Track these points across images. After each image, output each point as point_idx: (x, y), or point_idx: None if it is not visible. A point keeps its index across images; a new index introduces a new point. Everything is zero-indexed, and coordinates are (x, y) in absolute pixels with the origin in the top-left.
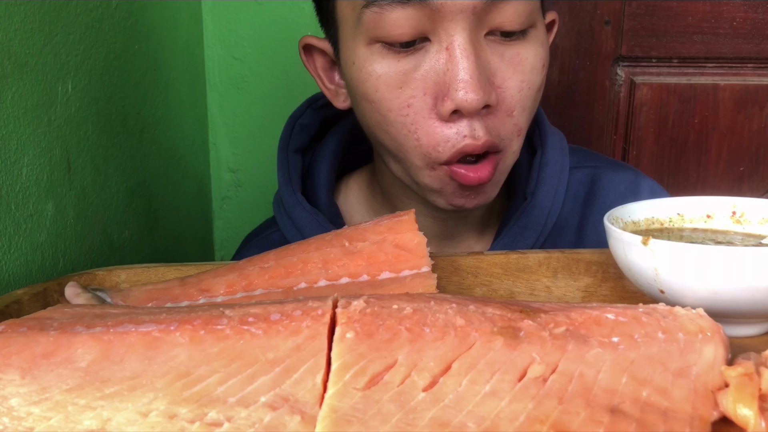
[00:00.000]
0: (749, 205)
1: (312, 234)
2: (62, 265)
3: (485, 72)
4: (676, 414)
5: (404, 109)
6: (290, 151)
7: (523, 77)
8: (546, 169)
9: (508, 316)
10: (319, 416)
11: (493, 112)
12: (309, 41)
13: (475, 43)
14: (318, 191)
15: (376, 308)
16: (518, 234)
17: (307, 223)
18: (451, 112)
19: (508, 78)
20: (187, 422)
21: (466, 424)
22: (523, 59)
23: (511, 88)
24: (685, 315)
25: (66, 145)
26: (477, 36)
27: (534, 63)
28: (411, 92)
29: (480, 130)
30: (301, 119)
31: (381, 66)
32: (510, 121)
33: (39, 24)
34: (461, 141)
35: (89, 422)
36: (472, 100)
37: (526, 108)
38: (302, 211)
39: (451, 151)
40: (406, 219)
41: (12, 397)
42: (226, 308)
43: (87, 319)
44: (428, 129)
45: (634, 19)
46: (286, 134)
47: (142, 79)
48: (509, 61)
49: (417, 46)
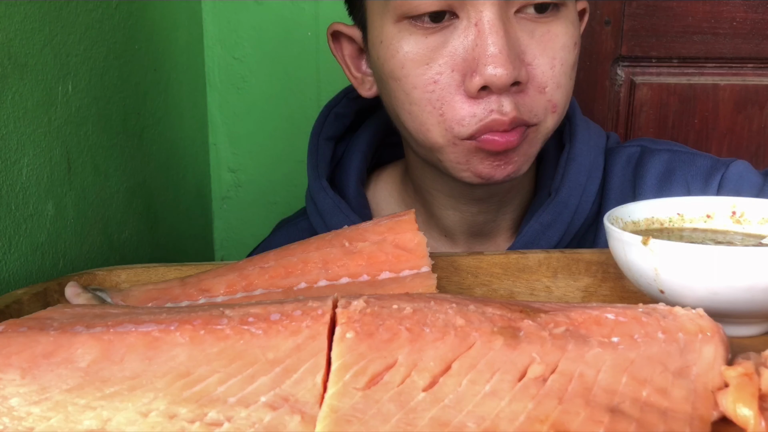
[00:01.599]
0: (749, 205)
1: (334, 222)
2: (62, 265)
3: (515, 49)
4: (676, 414)
5: (430, 86)
6: (322, 138)
7: (555, 54)
8: (573, 164)
9: (508, 316)
10: (319, 416)
11: (523, 89)
12: (337, 28)
13: (505, 20)
14: (347, 180)
15: (376, 308)
16: (540, 232)
17: (329, 209)
18: (480, 88)
19: (538, 55)
20: (187, 422)
21: (466, 424)
22: (554, 36)
23: (542, 65)
24: (685, 315)
25: (66, 145)
26: (507, 12)
27: (565, 41)
28: (438, 68)
29: (508, 105)
30: (336, 108)
31: (408, 43)
32: (543, 97)
33: (39, 24)
34: (488, 116)
35: (89, 422)
36: (502, 75)
37: (560, 85)
38: (325, 197)
39: (477, 125)
40: (406, 219)
41: (12, 397)
42: (226, 308)
43: (87, 319)
44: (453, 105)
45: (634, 19)
46: (319, 122)
47: (142, 79)
48: (540, 38)
49: (445, 23)
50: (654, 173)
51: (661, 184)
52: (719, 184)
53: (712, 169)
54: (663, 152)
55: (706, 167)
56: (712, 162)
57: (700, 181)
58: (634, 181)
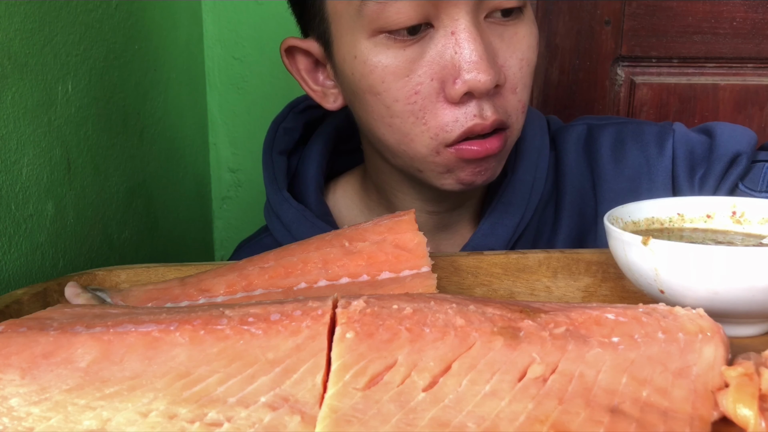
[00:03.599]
0: (749, 205)
1: (300, 231)
2: (62, 265)
3: (489, 53)
4: (676, 414)
5: (412, 97)
6: (275, 152)
7: (522, 55)
8: (524, 143)
9: (508, 316)
10: (319, 416)
11: (500, 91)
12: (292, 43)
13: (478, 26)
14: (306, 190)
15: (376, 308)
16: (503, 211)
17: (294, 219)
18: (463, 94)
19: (509, 57)
20: (187, 422)
21: (466, 425)
22: (521, 38)
23: (512, 66)
24: (685, 315)
25: (66, 145)
26: (478, 19)
27: (530, 41)
28: (418, 79)
29: (489, 109)
30: (284, 123)
31: (387, 56)
32: (515, 98)
33: (39, 24)
34: (470, 120)
35: (89, 422)
36: (485, 81)
37: (526, 85)
38: (289, 208)
39: (460, 129)
40: (406, 219)
41: (12, 397)
42: (226, 308)
43: (87, 319)
44: (436, 112)
45: (634, 19)
46: (269, 138)
47: (142, 79)
48: (509, 40)
49: (422, 34)
50: (606, 146)
51: (615, 155)
52: (673, 146)
53: (660, 134)
54: (609, 126)
55: (654, 133)
56: (658, 128)
57: (655, 147)
58: (588, 156)
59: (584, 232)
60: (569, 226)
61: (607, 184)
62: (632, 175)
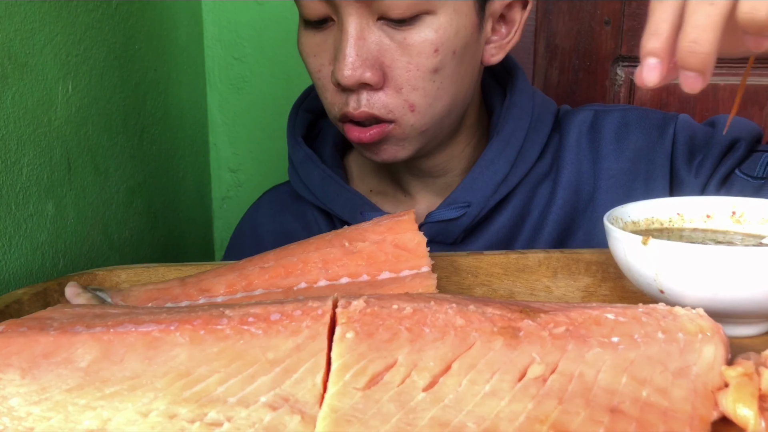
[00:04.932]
0: (749, 205)
1: (306, 171)
2: (62, 265)
3: (369, 53)
4: (676, 414)
5: (317, 73)
6: (301, 109)
7: (410, 59)
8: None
9: (508, 316)
10: (319, 416)
11: (379, 88)
12: None
13: (365, 27)
14: (323, 144)
15: (376, 308)
16: (485, 167)
17: (301, 160)
18: (335, 83)
19: (396, 59)
20: (187, 422)
21: (466, 424)
22: (411, 43)
23: (398, 68)
24: (685, 315)
25: (66, 145)
26: (368, 21)
27: (422, 48)
28: (321, 60)
29: (361, 101)
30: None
31: (303, 36)
32: (398, 97)
33: (39, 24)
34: (343, 107)
35: (89, 422)
36: (344, 77)
37: (417, 87)
38: (299, 150)
39: (338, 112)
40: (406, 219)
41: (12, 397)
42: (226, 308)
43: (87, 319)
44: (330, 92)
45: (634, 19)
46: (302, 96)
47: (142, 79)
48: (398, 44)
49: (327, 25)
50: (610, 128)
51: (617, 136)
52: (674, 132)
53: (664, 120)
54: (616, 111)
55: (658, 119)
56: (662, 115)
57: (656, 131)
58: (591, 138)
59: (578, 211)
60: (563, 199)
61: (606, 162)
62: (632, 157)
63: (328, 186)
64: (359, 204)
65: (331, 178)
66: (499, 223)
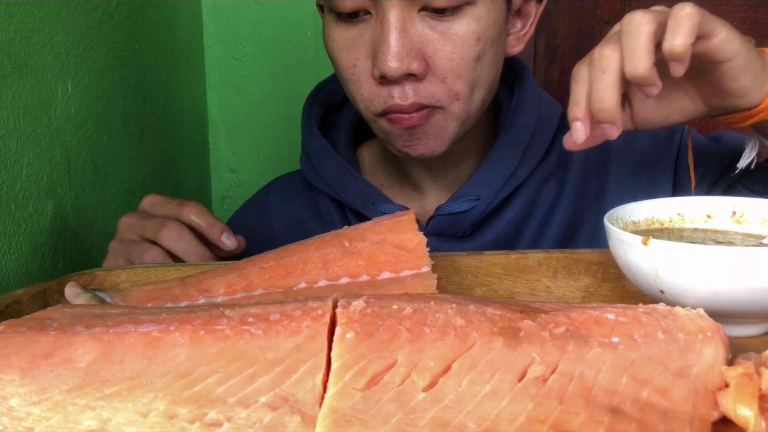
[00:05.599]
0: (749, 205)
1: (319, 160)
2: (62, 265)
3: (412, 44)
4: (677, 414)
5: (351, 69)
6: (315, 103)
7: (454, 48)
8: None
9: (508, 317)
10: (319, 416)
11: (424, 78)
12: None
13: (407, 19)
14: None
15: (376, 308)
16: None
17: (315, 149)
18: (380, 76)
19: (439, 49)
20: (187, 422)
21: (466, 425)
22: (454, 33)
23: (442, 58)
24: (685, 315)
25: (66, 145)
26: (409, 12)
27: (465, 36)
28: (356, 55)
29: (408, 92)
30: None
31: (334, 31)
32: (444, 86)
33: (39, 24)
34: (390, 100)
35: (89, 422)
36: (391, 68)
37: (460, 76)
38: (314, 140)
39: (382, 106)
40: (406, 219)
41: (12, 398)
42: (225, 308)
43: (87, 319)
44: (368, 87)
45: None
46: (315, 90)
47: (142, 79)
48: (441, 34)
49: (361, 18)
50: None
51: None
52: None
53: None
54: None
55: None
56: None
57: (664, 138)
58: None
59: (584, 210)
60: (570, 198)
61: (614, 165)
62: (639, 161)
63: (341, 176)
64: (371, 194)
65: (345, 168)
66: (507, 218)
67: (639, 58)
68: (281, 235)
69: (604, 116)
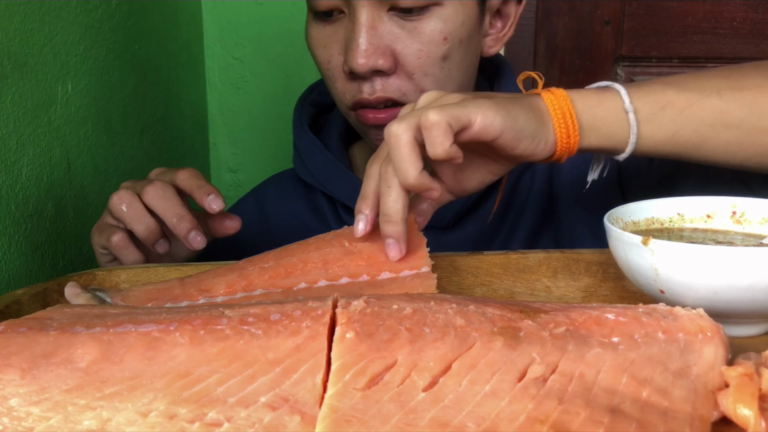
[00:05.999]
0: (749, 205)
1: (308, 156)
2: (62, 265)
3: (381, 42)
4: (677, 414)
5: (327, 64)
6: (306, 103)
7: (421, 46)
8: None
9: (508, 317)
10: (319, 416)
11: (392, 74)
12: None
13: (376, 18)
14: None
15: (376, 308)
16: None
17: (306, 146)
18: (349, 72)
19: (407, 46)
20: (187, 422)
21: (466, 425)
22: (421, 32)
23: (409, 55)
24: (685, 315)
25: (66, 145)
26: (379, 12)
27: (432, 36)
28: (331, 51)
29: (375, 87)
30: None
31: (313, 29)
32: (411, 82)
33: (39, 24)
34: (358, 94)
35: (89, 422)
36: (359, 64)
37: (428, 74)
38: (304, 137)
39: (351, 100)
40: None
41: (12, 398)
42: (225, 308)
43: (87, 320)
44: (341, 81)
45: (634, 19)
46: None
47: (142, 79)
48: (409, 32)
49: (336, 17)
50: None
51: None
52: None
53: None
54: None
55: None
56: None
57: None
58: None
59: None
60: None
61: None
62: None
63: (329, 171)
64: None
65: (333, 163)
66: (488, 209)
67: (405, 169)
68: (278, 228)
69: (389, 231)
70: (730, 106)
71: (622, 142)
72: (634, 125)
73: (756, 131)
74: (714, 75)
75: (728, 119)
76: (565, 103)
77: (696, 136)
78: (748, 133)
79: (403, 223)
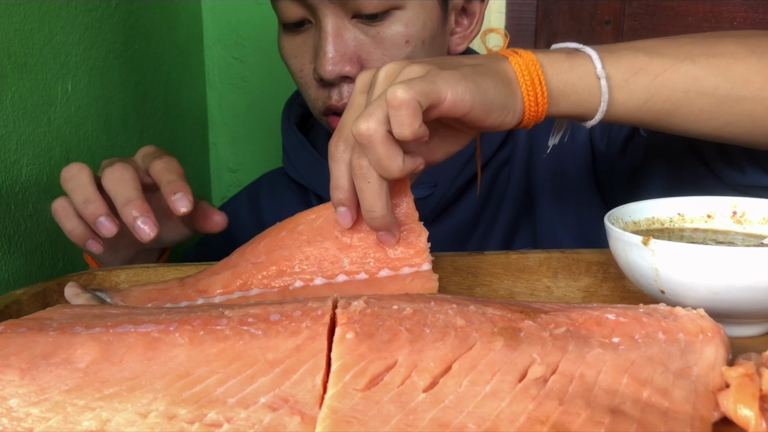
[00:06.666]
0: (750, 205)
1: (296, 155)
2: (62, 265)
3: (347, 49)
4: (677, 414)
5: (299, 73)
6: (295, 104)
7: (385, 51)
8: None
9: (508, 317)
10: (319, 417)
11: None
12: None
13: (341, 26)
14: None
15: (376, 309)
16: None
17: (293, 145)
18: (319, 79)
19: (372, 52)
20: (187, 423)
21: (466, 425)
22: (383, 37)
23: (374, 60)
24: (686, 315)
25: (66, 145)
26: (343, 20)
27: (394, 40)
28: (302, 60)
29: (343, 93)
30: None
31: (284, 39)
32: None
33: (39, 24)
34: (327, 101)
35: (88, 423)
36: (326, 71)
37: None
38: (291, 136)
39: (322, 105)
40: (405, 213)
41: (11, 398)
42: (225, 309)
43: (86, 320)
44: (313, 89)
45: (634, 19)
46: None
47: (142, 79)
48: (372, 38)
49: (305, 27)
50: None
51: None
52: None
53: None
54: None
55: None
56: None
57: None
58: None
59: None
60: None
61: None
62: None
63: (313, 167)
64: None
65: (317, 160)
66: (466, 204)
67: (387, 166)
68: (272, 223)
69: (377, 224)
70: (704, 72)
71: (592, 110)
72: (605, 92)
73: (729, 99)
74: (687, 41)
75: (702, 86)
76: (534, 68)
77: (669, 104)
78: (722, 101)
79: (389, 213)
